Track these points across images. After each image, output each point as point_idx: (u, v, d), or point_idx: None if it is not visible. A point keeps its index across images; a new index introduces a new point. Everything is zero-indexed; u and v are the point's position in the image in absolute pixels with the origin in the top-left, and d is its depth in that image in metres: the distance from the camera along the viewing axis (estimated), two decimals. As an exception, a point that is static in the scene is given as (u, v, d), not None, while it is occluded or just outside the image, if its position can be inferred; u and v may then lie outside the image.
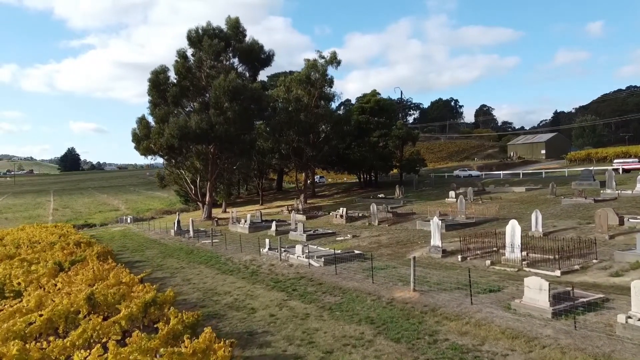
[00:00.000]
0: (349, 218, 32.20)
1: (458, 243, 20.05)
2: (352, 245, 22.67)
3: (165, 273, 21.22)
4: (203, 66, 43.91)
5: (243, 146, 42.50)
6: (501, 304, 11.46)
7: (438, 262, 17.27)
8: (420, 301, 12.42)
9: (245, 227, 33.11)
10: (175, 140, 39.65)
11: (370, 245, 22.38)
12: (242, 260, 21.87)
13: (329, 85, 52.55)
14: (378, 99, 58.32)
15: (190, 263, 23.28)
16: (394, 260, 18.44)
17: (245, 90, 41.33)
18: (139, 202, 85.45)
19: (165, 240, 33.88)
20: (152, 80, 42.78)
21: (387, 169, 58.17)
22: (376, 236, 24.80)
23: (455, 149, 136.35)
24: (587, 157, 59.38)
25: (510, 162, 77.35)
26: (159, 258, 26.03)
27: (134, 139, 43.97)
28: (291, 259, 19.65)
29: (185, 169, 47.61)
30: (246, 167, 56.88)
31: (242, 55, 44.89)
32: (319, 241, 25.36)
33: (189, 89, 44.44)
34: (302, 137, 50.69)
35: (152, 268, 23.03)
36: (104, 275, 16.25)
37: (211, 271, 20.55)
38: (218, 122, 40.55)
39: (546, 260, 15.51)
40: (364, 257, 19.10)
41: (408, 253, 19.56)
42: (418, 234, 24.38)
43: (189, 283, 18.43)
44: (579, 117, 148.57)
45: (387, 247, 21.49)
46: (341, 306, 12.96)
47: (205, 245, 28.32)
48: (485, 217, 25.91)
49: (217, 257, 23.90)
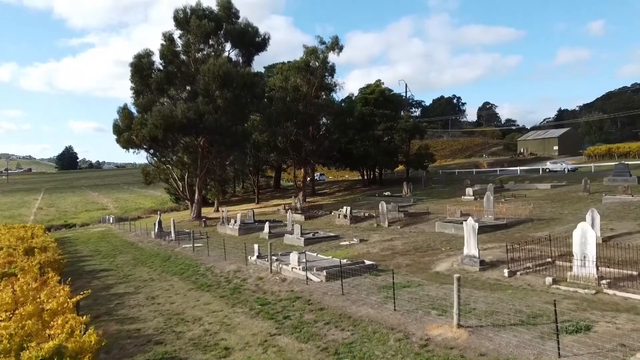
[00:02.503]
0: (353, 218, 28.07)
1: (496, 251, 15.94)
2: (360, 253, 18.54)
3: (129, 287, 17.10)
4: (191, 50, 39.72)
5: (235, 138, 38.28)
6: (607, 357, 7.31)
7: (477, 277, 13.14)
8: (473, 346, 8.29)
9: (234, 229, 28.97)
10: (159, 131, 35.47)
11: (383, 252, 18.23)
12: (225, 271, 17.75)
13: (330, 74, 48.40)
14: (383, 89, 54.11)
15: (163, 273, 19.16)
16: (416, 274, 14.31)
17: (237, 76, 37.17)
18: (130, 200, 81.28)
19: (143, 244, 29.75)
20: (135, 65, 38.54)
21: (392, 165, 53.89)
22: (388, 240, 20.65)
23: (458, 147, 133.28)
24: (607, 152, 55.21)
25: (522, 158, 73.11)
26: (130, 266, 21.91)
27: (114, 130, 39.79)
28: (285, 271, 15.54)
29: (172, 164, 43.45)
30: (241, 163, 52.73)
31: (235, 38, 40.63)
32: (319, 247, 21.22)
33: (177, 75, 40.23)
34: (301, 129, 46.53)
35: (116, 279, 18.94)
36: (33, 295, 12.12)
37: (185, 285, 16.44)
38: (207, 111, 36.37)
39: (630, 278, 11.39)
40: (377, 269, 14.98)
41: (432, 264, 15.43)
42: (438, 238, 20.25)
43: (153, 303, 14.32)
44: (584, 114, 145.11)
45: (404, 255, 17.34)
46: (352, 349, 8.85)
47: (186, 250, 24.18)
48: (518, 218, 21.78)
49: (195, 266, 19.78)
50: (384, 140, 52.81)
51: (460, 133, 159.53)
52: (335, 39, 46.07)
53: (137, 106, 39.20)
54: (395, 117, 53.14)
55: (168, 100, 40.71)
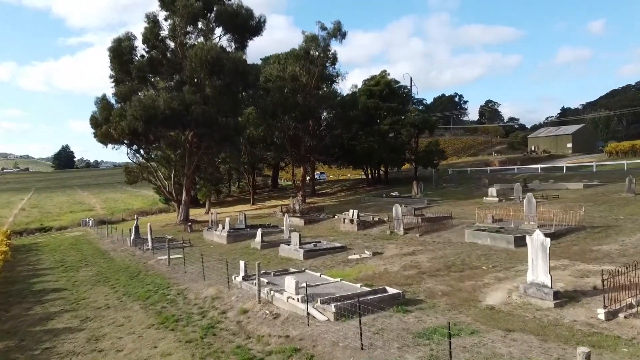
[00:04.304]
0: (361, 224, 23.96)
1: (563, 273, 11.85)
2: (375, 272, 14.42)
3: (74, 319, 13.03)
4: (177, 34, 35.55)
5: (226, 132, 34.08)
6: None
7: (556, 320, 9.02)
8: None
9: (222, 236, 24.82)
10: (139, 123, 31.30)
11: (406, 271, 14.09)
12: (201, 297, 13.65)
13: (332, 63, 44.24)
14: (389, 80, 49.88)
15: (125, 298, 15.05)
16: (461, 309, 10.17)
17: (228, 62, 33.02)
18: (120, 201, 77.16)
19: (116, 253, 25.60)
20: (114, 50, 34.26)
21: (400, 162, 49.65)
22: (409, 254, 16.53)
23: (461, 145, 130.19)
24: (631, 149, 51.15)
25: (536, 156, 68.96)
26: (89, 285, 17.80)
27: (91, 123, 35.60)
28: (278, 301, 11.44)
29: (157, 161, 39.29)
30: (235, 160, 48.62)
31: (226, 21, 36.37)
32: (323, 261, 17.10)
33: (162, 62, 36.00)
34: (300, 123, 42.36)
35: (64, 305, 14.86)
36: None
37: (145, 318, 12.36)
38: (194, 101, 32.20)
39: None
40: (403, 299, 10.87)
41: (479, 291, 11.30)
42: (472, 251, 16.13)
43: (93, 349, 10.28)
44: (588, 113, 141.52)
45: (435, 276, 13.23)
46: None
47: (161, 263, 20.05)
48: (568, 225, 17.66)
49: (167, 286, 15.67)
50: (390, 136, 48.69)
51: (463, 132, 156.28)
52: (338, 24, 41.89)
53: (116, 96, 35.04)
54: (403, 110, 49.02)
55: (152, 90, 36.51)
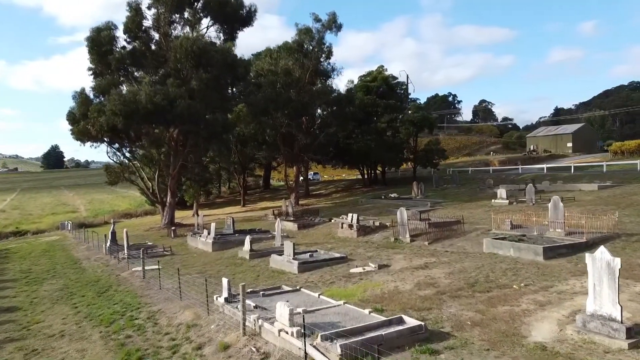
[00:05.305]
0: (361, 229, 21.64)
1: (623, 298, 9.56)
2: (385, 290, 12.08)
3: (17, 353, 10.61)
4: (161, 23, 33.04)
5: (214, 129, 31.63)
6: None
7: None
8: None
9: (207, 242, 22.40)
10: (118, 119, 28.80)
11: (421, 291, 11.76)
12: (174, 324, 11.25)
13: (327, 57, 42.00)
14: (386, 76, 47.63)
15: (85, 322, 12.61)
16: (502, 349, 7.82)
17: (215, 54, 30.62)
18: (106, 202, 74.20)
19: (89, 262, 23.08)
20: (92, 40, 31.67)
21: (398, 162, 47.36)
22: (422, 268, 14.22)
23: (456, 145, 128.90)
24: (637, 148, 49.28)
25: (536, 155, 67.06)
26: (49, 303, 15.33)
27: (69, 118, 33.04)
28: (267, 333, 9.07)
29: (140, 160, 36.73)
30: (225, 159, 46.15)
31: (214, 10, 33.88)
32: (321, 275, 14.74)
33: (145, 54, 33.50)
34: (293, 120, 39.97)
35: (11, 332, 12.39)
36: None
37: (103, 354, 9.95)
38: (179, 96, 29.73)
39: None
40: (425, 332, 8.51)
41: (518, 321, 8.98)
42: (495, 263, 13.84)
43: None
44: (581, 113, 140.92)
45: (458, 297, 10.91)
46: None
47: (135, 276, 17.60)
48: (601, 233, 15.43)
49: (136, 307, 13.25)
50: (388, 134, 46.44)
51: (457, 131, 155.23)
52: (333, 15, 39.65)
53: (94, 90, 32.47)
54: (401, 107, 46.80)
55: (135, 84, 33.96)
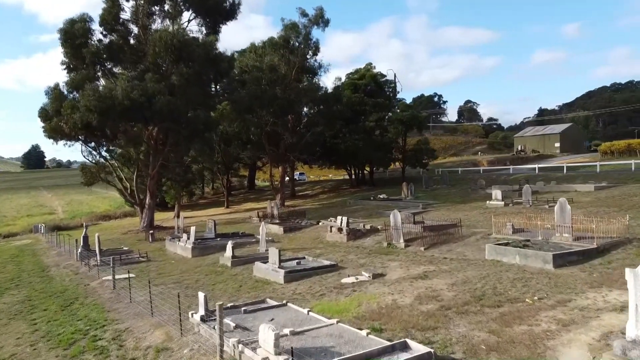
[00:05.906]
0: (352, 233, 20.33)
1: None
2: (382, 305, 10.75)
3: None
4: (140, 15, 31.37)
5: (195, 127, 30.07)
6: None
7: None
8: None
9: (187, 248, 20.89)
10: (93, 116, 27.09)
11: (423, 305, 10.47)
12: (142, 346, 9.78)
13: (314, 53, 40.67)
14: (374, 74, 46.48)
15: (41, 343, 11.05)
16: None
17: (197, 48, 29.08)
18: (85, 203, 71.83)
19: (58, 270, 21.38)
20: (65, 32, 29.84)
21: (387, 162, 46.21)
22: (421, 278, 12.94)
23: (441, 146, 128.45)
24: (627, 148, 48.92)
25: (524, 155, 66.60)
26: (6, 319, 13.71)
27: (41, 115, 31.15)
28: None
29: (117, 159, 34.97)
30: (208, 159, 44.52)
31: (196, 2, 32.23)
32: (309, 286, 13.37)
33: (123, 49, 31.80)
34: (279, 119, 38.56)
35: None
36: None
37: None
38: (158, 92, 28.11)
39: None
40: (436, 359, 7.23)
41: (541, 344, 7.73)
42: (500, 272, 12.62)
43: None
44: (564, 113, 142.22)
45: (464, 313, 9.65)
46: None
47: (105, 286, 16.05)
48: (612, 238, 14.34)
49: (102, 325, 11.71)
50: (376, 133, 45.30)
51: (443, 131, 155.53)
52: (320, 10, 38.30)
53: (68, 85, 30.65)
54: (389, 106, 45.69)
55: (112, 79, 32.21)
